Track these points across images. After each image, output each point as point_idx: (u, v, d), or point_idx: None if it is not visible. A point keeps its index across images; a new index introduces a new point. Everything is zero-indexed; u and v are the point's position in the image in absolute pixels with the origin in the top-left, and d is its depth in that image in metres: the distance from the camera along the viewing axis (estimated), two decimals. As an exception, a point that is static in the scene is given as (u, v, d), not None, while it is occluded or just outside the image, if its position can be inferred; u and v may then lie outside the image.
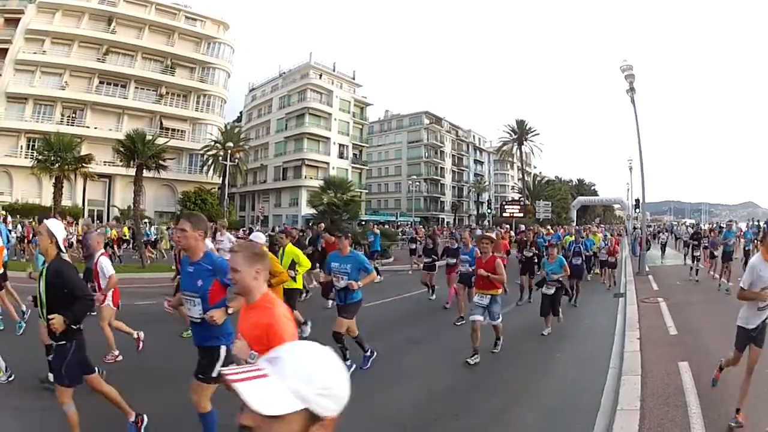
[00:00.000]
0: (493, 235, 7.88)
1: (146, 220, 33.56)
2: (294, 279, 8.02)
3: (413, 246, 19.55)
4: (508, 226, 31.94)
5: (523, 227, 31.66)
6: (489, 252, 7.47)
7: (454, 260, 11.11)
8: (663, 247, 26.66)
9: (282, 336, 2.42)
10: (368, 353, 6.77)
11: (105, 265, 6.58)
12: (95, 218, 41.94)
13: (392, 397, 5.67)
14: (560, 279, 9.14)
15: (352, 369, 6.07)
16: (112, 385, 4.43)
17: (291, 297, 8.10)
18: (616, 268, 16.46)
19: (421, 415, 5.18)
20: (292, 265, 8.03)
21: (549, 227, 27.03)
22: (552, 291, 9.06)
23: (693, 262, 16.83)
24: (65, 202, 35.23)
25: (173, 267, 12.29)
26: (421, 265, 13.69)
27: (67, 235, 10.94)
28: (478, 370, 6.59)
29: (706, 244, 16.87)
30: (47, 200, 35.42)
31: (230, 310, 3.76)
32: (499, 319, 7.45)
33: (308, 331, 8.31)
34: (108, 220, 42.02)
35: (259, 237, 7.22)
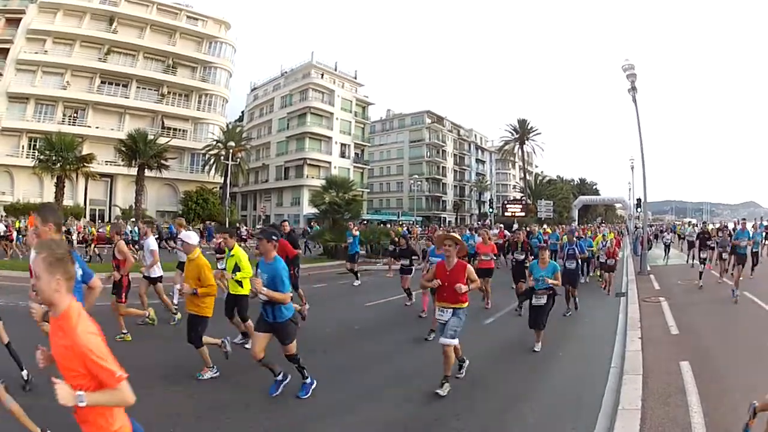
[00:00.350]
0: (457, 237, 6.28)
1: (147, 219, 33.59)
2: (240, 284, 7.28)
3: (392, 247, 17.40)
4: (502, 225, 31.25)
5: (516, 226, 30.62)
6: (453, 257, 6.01)
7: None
8: (667, 248, 24.54)
9: (89, 356, 2.16)
10: (279, 377, 5.61)
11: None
12: (97, 218, 41.95)
13: (393, 397, 5.66)
14: (552, 287, 8.00)
15: (314, 385, 5.54)
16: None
17: (239, 303, 7.46)
18: (614, 271, 14.82)
19: (422, 414, 5.16)
20: (237, 269, 7.34)
21: (545, 226, 26.52)
22: (543, 301, 7.92)
23: (701, 265, 15.09)
24: (67, 201, 35.34)
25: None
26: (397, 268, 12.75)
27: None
28: (479, 370, 6.57)
29: (713, 245, 15.82)
30: (49, 200, 35.49)
31: None
32: (455, 340, 5.86)
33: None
34: (110, 219, 42.07)
35: (190, 237, 6.50)
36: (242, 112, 71.99)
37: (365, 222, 42.79)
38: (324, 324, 9.44)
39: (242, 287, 7.29)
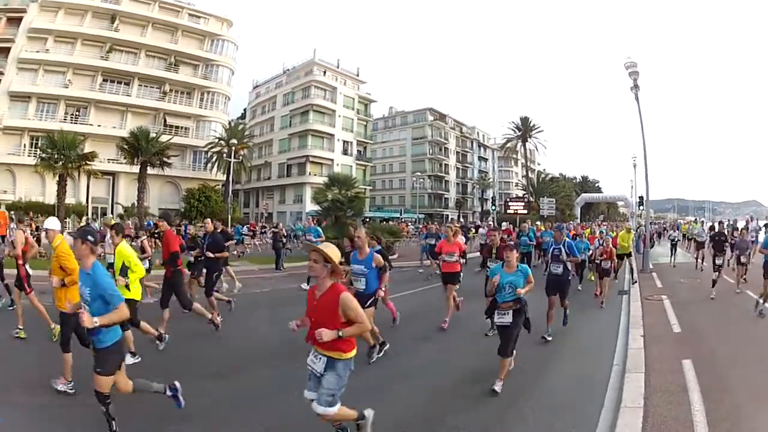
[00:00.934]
0: (328, 251, 3.94)
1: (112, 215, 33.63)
2: (127, 287, 6.42)
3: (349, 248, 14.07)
4: (491, 224, 30.25)
5: (506, 225, 26.71)
6: (324, 279, 3.95)
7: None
8: (674, 246, 22.14)
9: None
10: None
11: None
12: (99, 215, 42.02)
13: (394, 395, 5.66)
14: (520, 300, 6.12)
15: None
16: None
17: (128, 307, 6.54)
18: (610, 275, 12.51)
19: (423, 413, 5.16)
20: (124, 271, 6.45)
21: (539, 223, 25.36)
22: (509, 318, 6.09)
23: (715, 273, 12.55)
24: (69, 199, 35.34)
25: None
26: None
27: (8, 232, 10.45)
28: (480, 369, 6.55)
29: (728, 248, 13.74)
30: (51, 198, 35.58)
31: None
32: (333, 408, 3.95)
33: (162, 346, 7.07)
34: (112, 217, 42.10)
35: (52, 223, 6.08)
36: (244, 109, 72.15)
37: (367, 219, 42.79)
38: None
39: (129, 290, 6.47)
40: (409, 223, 45.59)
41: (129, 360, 6.04)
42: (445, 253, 9.71)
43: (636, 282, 14.52)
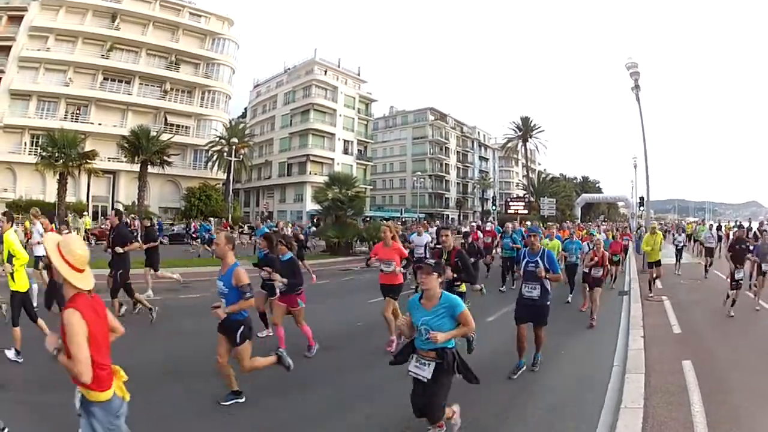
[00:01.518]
0: (63, 248, 2.74)
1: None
2: (12, 277, 6.09)
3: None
4: (475, 223, 28.54)
5: (470, 228, 20.39)
6: (65, 285, 2.77)
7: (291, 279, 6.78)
8: (679, 252, 18.98)
9: None
10: None
11: None
12: (99, 214, 42.02)
13: (394, 395, 5.65)
14: (445, 349, 4.29)
15: None
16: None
17: (13, 301, 6.21)
18: (602, 286, 10.29)
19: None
20: (11, 260, 6.21)
21: (528, 223, 22.72)
22: (427, 374, 4.26)
23: (732, 285, 10.44)
24: (69, 198, 35.33)
25: None
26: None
27: None
28: (481, 368, 6.53)
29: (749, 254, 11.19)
30: (51, 197, 35.57)
31: None
32: None
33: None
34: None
35: None
36: (245, 108, 72.29)
37: (368, 219, 42.79)
38: (326, 321, 9.43)
39: (14, 281, 6.11)
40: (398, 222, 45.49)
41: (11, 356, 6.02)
42: (380, 261, 7.69)
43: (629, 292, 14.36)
